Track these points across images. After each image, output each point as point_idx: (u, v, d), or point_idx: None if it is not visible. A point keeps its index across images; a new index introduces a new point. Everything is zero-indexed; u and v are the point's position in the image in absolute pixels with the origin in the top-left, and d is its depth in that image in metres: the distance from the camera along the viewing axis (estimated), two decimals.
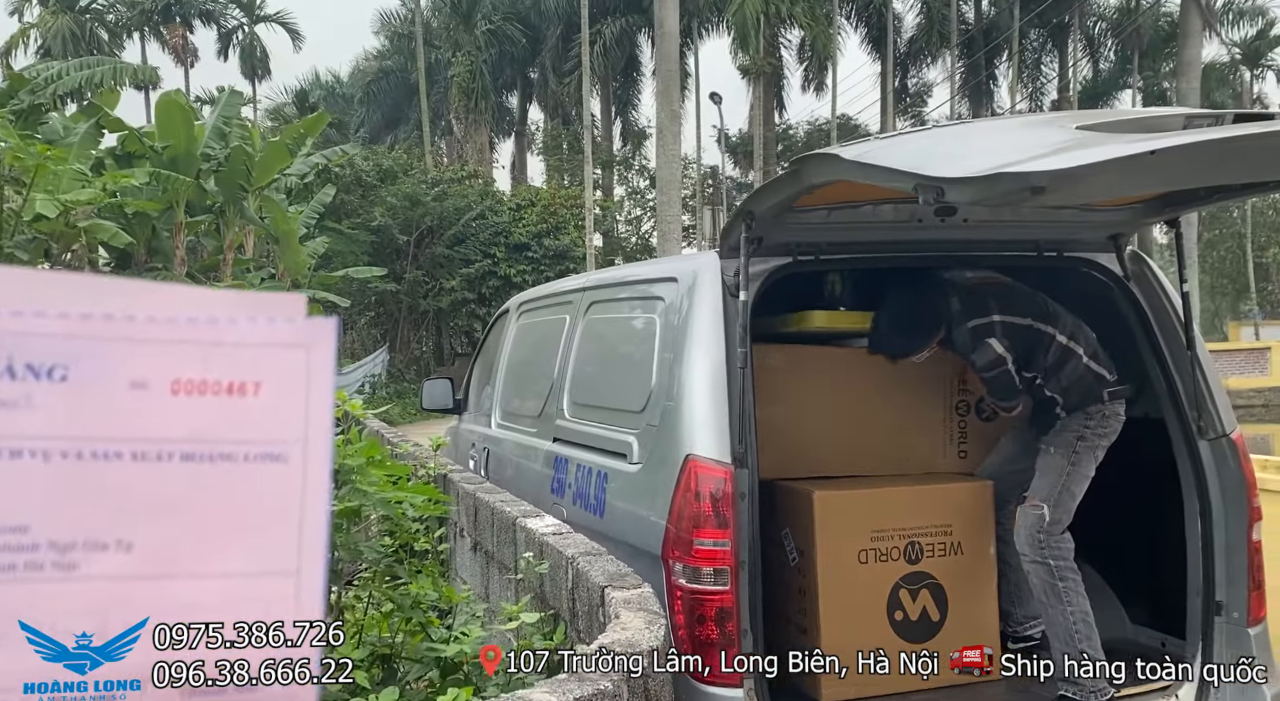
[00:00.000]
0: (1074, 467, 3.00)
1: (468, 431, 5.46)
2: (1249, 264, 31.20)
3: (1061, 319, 3.12)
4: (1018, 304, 3.11)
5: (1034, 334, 3.07)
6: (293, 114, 33.66)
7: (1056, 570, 2.93)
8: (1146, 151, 1.63)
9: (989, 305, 3.08)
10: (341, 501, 2.27)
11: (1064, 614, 2.89)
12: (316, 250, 18.31)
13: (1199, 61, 28.01)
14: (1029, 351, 3.07)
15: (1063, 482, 2.98)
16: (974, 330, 3.06)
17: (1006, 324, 3.05)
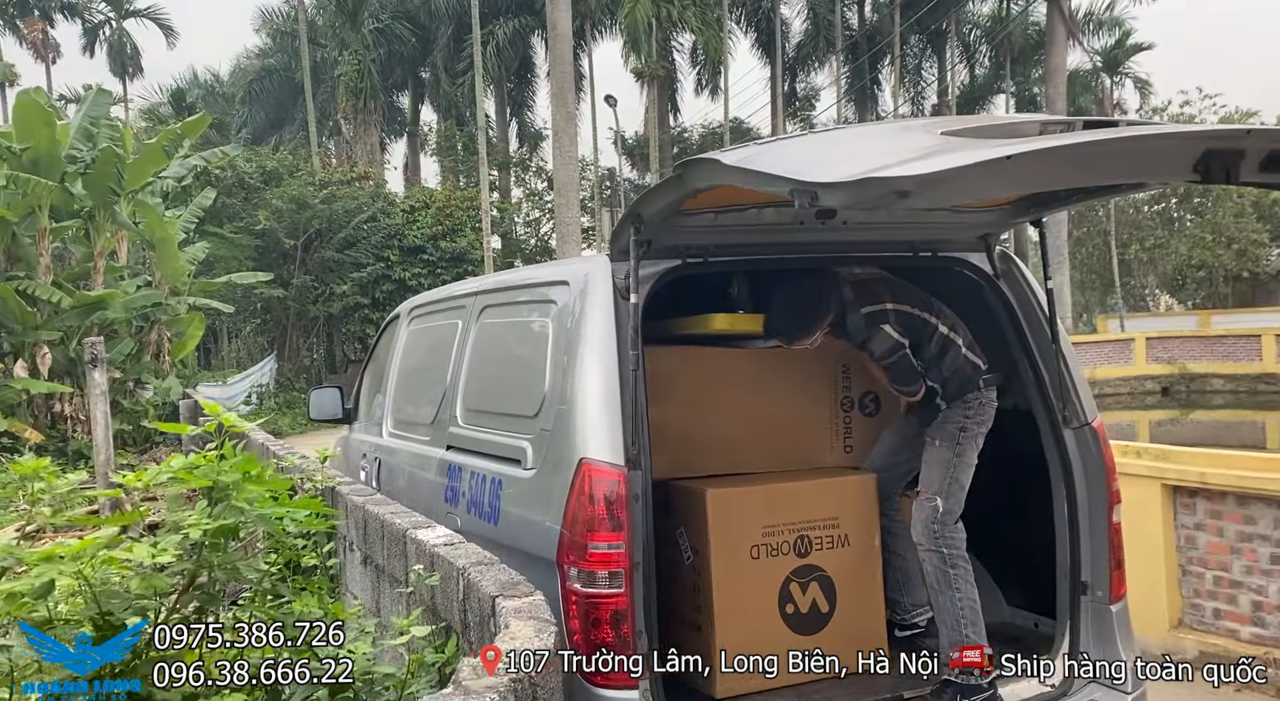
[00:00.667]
0: (959, 458, 3.12)
1: (358, 441, 5.32)
2: (1114, 260, 33.18)
3: (942, 311, 3.25)
4: (905, 294, 3.23)
5: (921, 323, 3.19)
6: (168, 114, 32.15)
7: (949, 558, 3.04)
8: (1003, 156, 1.72)
9: (881, 293, 3.19)
10: (217, 519, 2.18)
11: (953, 601, 3.01)
12: (196, 256, 17.49)
13: (1064, 68, 29.73)
14: (916, 341, 3.19)
15: (951, 473, 3.10)
16: (869, 316, 3.15)
17: (899, 311, 3.16)
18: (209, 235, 20.08)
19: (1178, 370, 24.08)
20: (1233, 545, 4.87)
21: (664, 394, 3.30)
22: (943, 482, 3.10)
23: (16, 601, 2.02)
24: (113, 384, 12.75)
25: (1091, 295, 36.92)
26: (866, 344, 3.20)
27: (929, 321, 3.19)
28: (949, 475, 3.10)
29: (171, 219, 16.19)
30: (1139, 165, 2.00)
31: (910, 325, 3.17)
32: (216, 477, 2.20)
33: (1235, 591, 4.88)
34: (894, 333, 3.13)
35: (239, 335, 27.20)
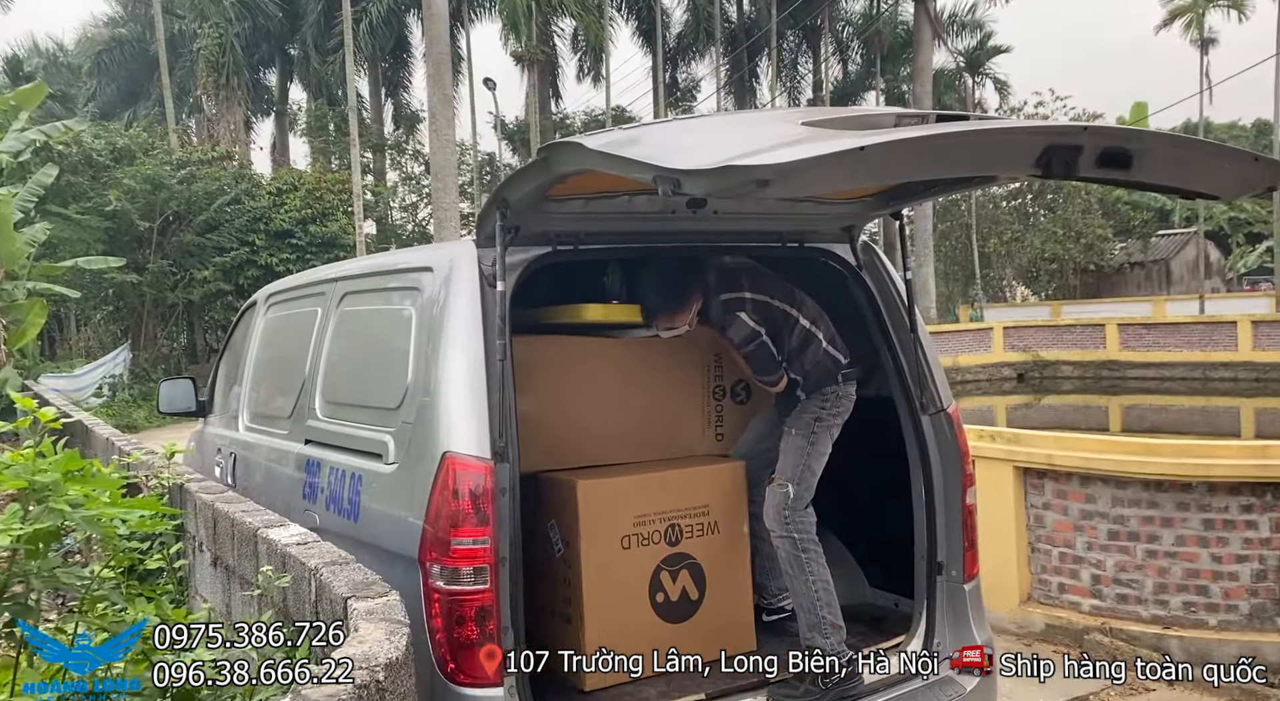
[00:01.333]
0: (813, 447, 3.18)
1: (213, 435, 5.03)
2: (974, 253, 34.97)
3: (805, 304, 3.30)
4: (766, 285, 3.26)
5: (780, 314, 3.23)
6: (3, 84, 29.63)
7: (800, 543, 3.10)
8: (857, 147, 1.74)
9: (740, 281, 3.21)
10: (32, 523, 1.99)
11: (807, 584, 3.07)
12: (36, 238, 16.22)
13: (930, 67, 31.05)
14: (776, 331, 3.22)
15: (804, 462, 3.16)
16: (725, 303, 3.17)
17: (756, 301, 3.19)
18: (51, 215, 18.65)
19: (1032, 358, 25.59)
20: (1076, 523, 5.18)
21: (534, 384, 3.24)
22: (795, 470, 3.15)
23: None
24: None
25: (955, 286, 38.80)
26: (725, 331, 3.23)
27: (790, 313, 3.24)
28: (802, 463, 3.16)
29: (6, 197, 14.95)
30: (986, 158, 2.06)
31: (769, 316, 3.21)
32: (32, 477, 2.01)
33: (1078, 566, 5.20)
34: (750, 321, 3.16)
35: (89, 323, 25.42)
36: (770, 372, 3.24)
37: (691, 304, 3.22)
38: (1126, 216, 34.67)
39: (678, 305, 3.21)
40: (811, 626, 3.05)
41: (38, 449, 2.08)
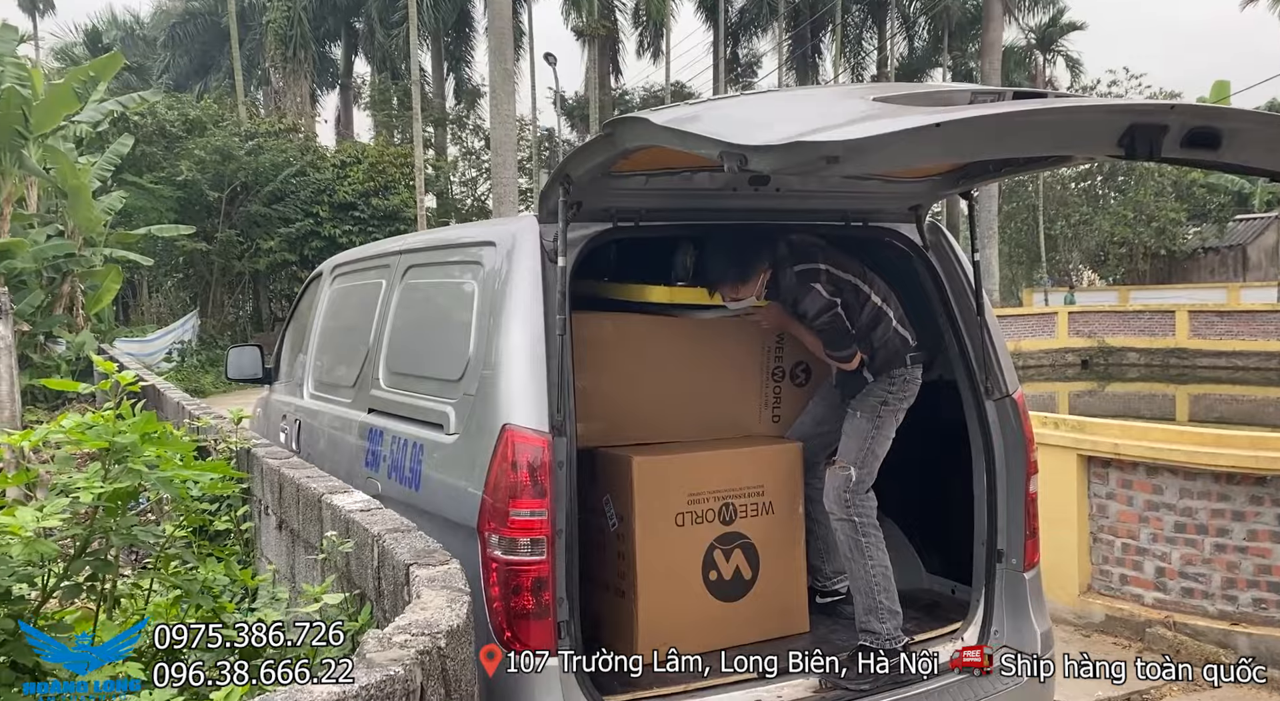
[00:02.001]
0: (877, 431, 3.14)
1: (279, 402, 5.16)
2: (1040, 235, 34.05)
3: (876, 282, 3.24)
4: (840, 260, 3.20)
5: (854, 290, 3.18)
6: (83, 55, 30.50)
7: (860, 527, 3.07)
8: (932, 124, 1.69)
9: (815, 254, 3.16)
10: (112, 482, 2.06)
11: (865, 568, 3.04)
12: (113, 206, 16.74)
13: (1000, 44, 30.15)
14: (848, 307, 3.17)
15: (868, 445, 3.12)
16: (800, 274, 3.12)
17: (831, 273, 3.14)
18: (127, 185, 19.25)
19: (1097, 344, 24.92)
20: (1141, 513, 5.05)
21: (592, 360, 3.25)
22: (859, 453, 3.12)
23: None
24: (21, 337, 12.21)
25: (1018, 269, 37.88)
26: (798, 304, 3.16)
27: (861, 289, 3.18)
28: (865, 447, 3.12)
29: (85, 166, 15.45)
30: (1065, 137, 1.99)
31: (842, 289, 3.15)
32: (112, 438, 2.08)
33: (1141, 558, 5.08)
34: (824, 292, 3.11)
35: (160, 289, 26.23)
36: (843, 347, 3.16)
37: (759, 274, 3.15)
38: (1202, 200, 33.33)
39: (745, 273, 3.14)
40: (868, 610, 3.02)
41: (117, 411, 2.16)
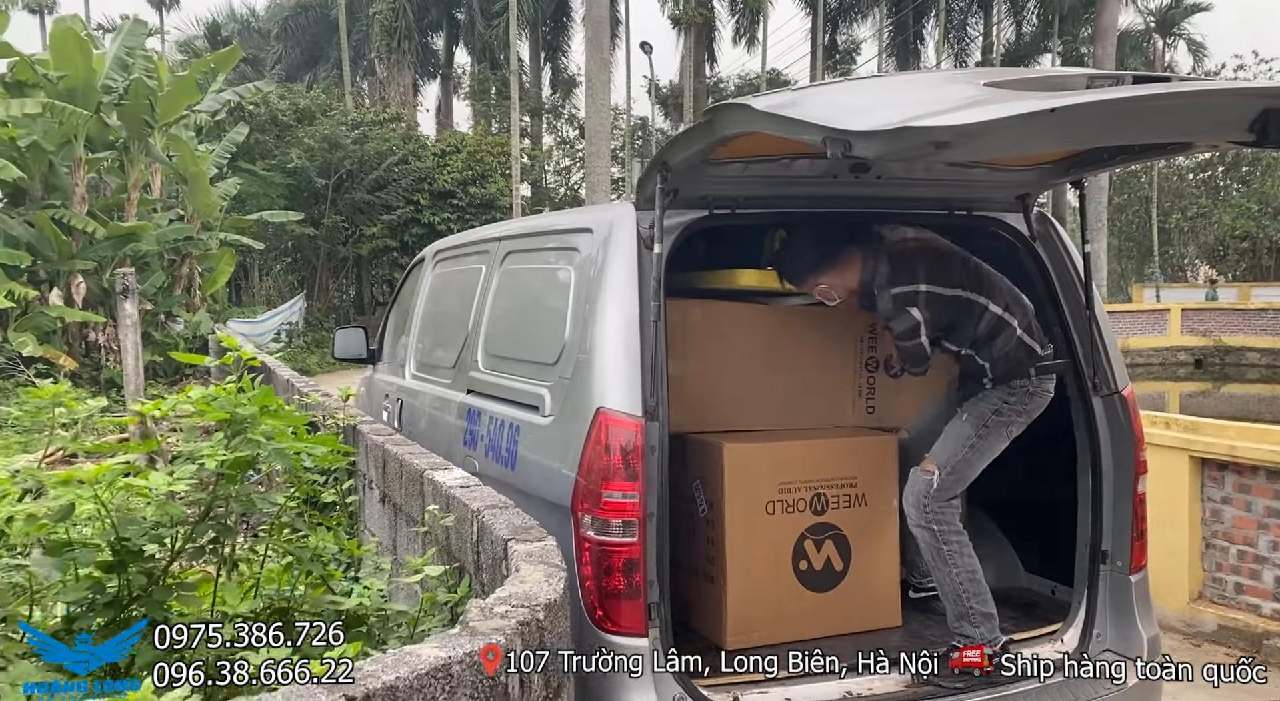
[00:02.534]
0: (980, 440, 3.00)
1: (382, 382, 5.35)
2: (1154, 228, 32.45)
3: (996, 288, 3.07)
4: (948, 273, 3.04)
5: (963, 304, 3.03)
6: (204, 47, 32.00)
7: (940, 535, 2.98)
8: (1047, 109, 1.64)
9: (916, 272, 3.00)
10: (233, 451, 2.19)
11: (950, 575, 2.97)
12: (228, 192, 17.58)
13: (1115, 27, 28.77)
14: (955, 322, 3.04)
15: (963, 453, 3.01)
16: (896, 297, 2.99)
17: (931, 294, 2.99)
18: (241, 171, 20.15)
19: (1213, 343, 23.66)
20: (1260, 520, 4.80)
21: (686, 347, 3.27)
22: (949, 458, 2.99)
23: (36, 523, 2.05)
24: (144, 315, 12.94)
25: (1129, 263, 36.21)
26: (890, 321, 3.09)
27: (975, 302, 3.03)
28: (960, 454, 2.99)
29: (204, 153, 16.25)
30: (1190, 123, 1.90)
31: (945, 309, 3.02)
32: (234, 410, 2.21)
33: (1259, 566, 4.83)
34: (916, 315, 2.99)
35: (269, 273, 27.41)
36: (917, 365, 3.10)
37: (848, 265, 3.08)
38: None
39: (830, 264, 3.08)
40: (959, 616, 2.96)
41: (238, 385, 2.29)
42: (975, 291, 3.04)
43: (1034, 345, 3.04)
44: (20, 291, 12.81)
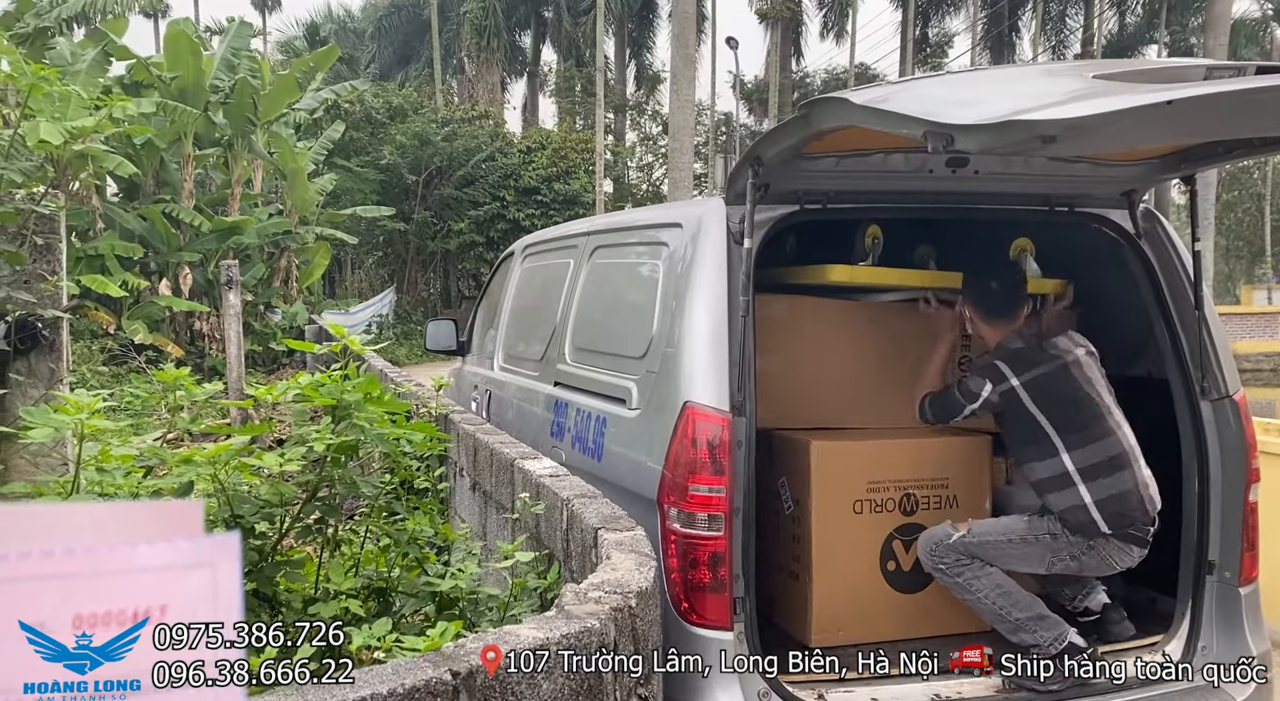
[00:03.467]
0: (1022, 544, 2.91)
1: (471, 373, 5.47)
2: (1267, 227, 30.80)
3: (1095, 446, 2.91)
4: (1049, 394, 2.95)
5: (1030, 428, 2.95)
6: (303, 47, 33.16)
7: (950, 571, 2.92)
8: (1163, 101, 1.58)
9: (1025, 370, 2.97)
10: (339, 435, 2.28)
11: (980, 600, 2.90)
12: (324, 187, 18.19)
13: (1229, 16, 27.29)
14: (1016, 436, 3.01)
15: (999, 540, 2.92)
16: (988, 369, 3.00)
17: (1012, 393, 2.95)
18: (336, 168, 20.83)
19: None
20: None
21: (774, 342, 3.26)
22: (985, 534, 2.91)
23: (160, 499, 2.18)
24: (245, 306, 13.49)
25: (1237, 264, 34.47)
26: (963, 380, 3.09)
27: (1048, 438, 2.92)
28: (994, 539, 2.91)
29: (302, 150, 16.84)
30: None
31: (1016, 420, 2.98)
32: (340, 396, 2.30)
33: None
34: (987, 394, 2.97)
35: (362, 266, 28.26)
36: (939, 417, 3.12)
37: (1010, 322, 3.08)
38: None
39: (1006, 318, 3.08)
40: (1011, 631, 2.88)
41: (344, 372, 2.38)
42: (1060, 430, 2.91)
43: (1097, 519, 2.85)
44: (133, 281, 13.50)
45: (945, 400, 3.09)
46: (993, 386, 2.96)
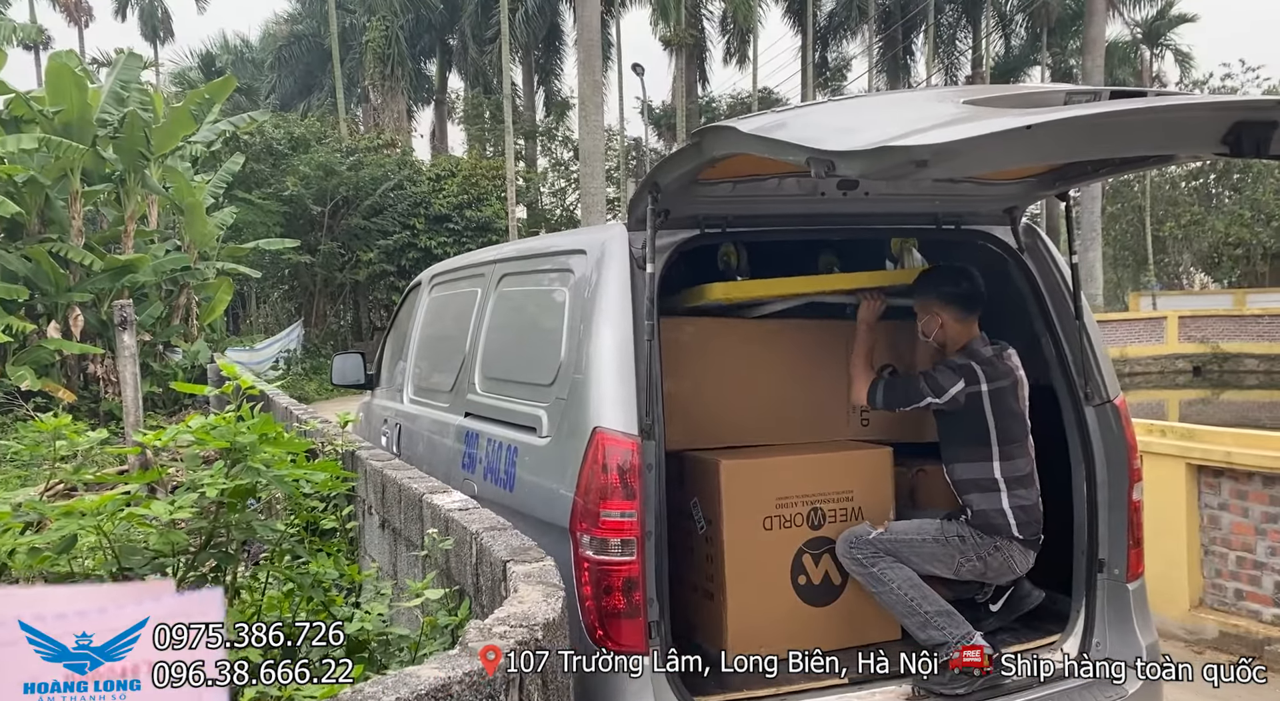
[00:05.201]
0: (934, 544, 3.03)
1: (380, 407, 5.37)
2: (1148, 237, 32.57)
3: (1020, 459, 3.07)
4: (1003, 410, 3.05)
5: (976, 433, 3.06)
6: (198, 79, 32.22)
7: (864, 562, 3.02)
8: (1024, 126, 1.68)
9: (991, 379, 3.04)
10: (234, 479, 2.21)
11: (891, 592, 2.98)
12: (225, 221, 17.65)
13: (1103, 39, 28.98)
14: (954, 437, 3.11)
15: (913, 539, 3.03)
16: (960, 369, 3.04)
17: (974, 398, 3.02)
18: (237, 201, 20.24)
19: (1210, 349, 23.69)
20: (1258, 525, 4.81)
21: (680, 365, 3.30)
22: (900, 534, 3.03)
23: (39, 555, 2.07)
24: (142, 346, 12.97)
25: (1124, 272, 36.32)
26: (935, 370, 3.10)
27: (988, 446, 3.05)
28: (909, 539, 3.03)
29: (200, 184, 16.33)
30: (1165, 137, 1.94)
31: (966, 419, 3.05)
32: (234, 439, 2.23)
33: (1259, 572, 4.83)
34: (954, 392, 3.01)
35: (267, 301, 27.46)
36: (889, 404, 3.17)
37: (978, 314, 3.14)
38: None
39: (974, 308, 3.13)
40: (921, 626, 2.96)
41: (238, 413, 2.31)
42: (1000, 441, 3.03)
43: (1011, 523, 3.01)
44: (18, 325, 12.84)
45: (904, 388, 3.13)
46: (964, 386, 3.01)
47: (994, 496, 3.02)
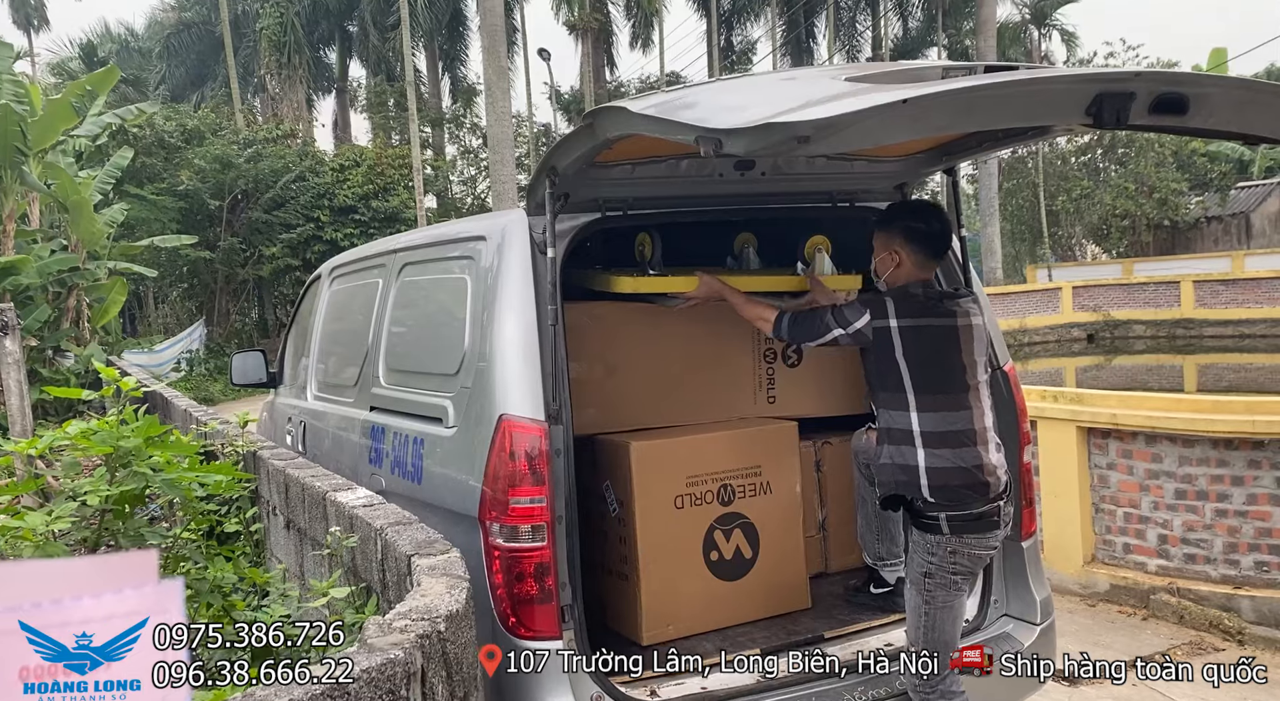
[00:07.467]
0: (929, 604, 2.71)
1: (284, 405, 5.22)
2: (1042, 211, 33.89)
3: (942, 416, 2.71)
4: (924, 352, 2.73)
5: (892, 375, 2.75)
6: (79, 69, 30.61)
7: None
8: (900, 100, 1.72)
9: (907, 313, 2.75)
10: (118, 485, 2.12)
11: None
12: (115, 218, 16.82)
13: (994, 20, 29.94)
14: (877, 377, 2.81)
15: (927, 624, 2.72)
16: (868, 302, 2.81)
17: (882, 333, 2.75)
18: (128, 197, 19.33)
19: (1102, 317, 24.85)
20: (1142, 482, 5.08)
21: (586, 348, 3.29)
22: (920, 634, 2.71)
23: None
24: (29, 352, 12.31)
25: (1021, 246, 37.72)
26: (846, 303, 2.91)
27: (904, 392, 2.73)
28: (924, 626, 2.71)
29: (86, 180, 15.51)
30: (1033, 109, 2.02)
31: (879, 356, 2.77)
32: (117, 443, 2.13)
33: (1144, 526, 5.11)
34: (860, 326, 2.77)
35: (166, 300, 26.37)
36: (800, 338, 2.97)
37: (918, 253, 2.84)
38: (1203, 169, 33.05)
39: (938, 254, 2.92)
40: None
41: (121, 417, 2.21)
42: (917, 389, 2.71)
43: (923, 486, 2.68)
44: None
45: (811, 321, 2.90)
46: (870, 319, 2.76)
47: (909, 451, 2.68)
